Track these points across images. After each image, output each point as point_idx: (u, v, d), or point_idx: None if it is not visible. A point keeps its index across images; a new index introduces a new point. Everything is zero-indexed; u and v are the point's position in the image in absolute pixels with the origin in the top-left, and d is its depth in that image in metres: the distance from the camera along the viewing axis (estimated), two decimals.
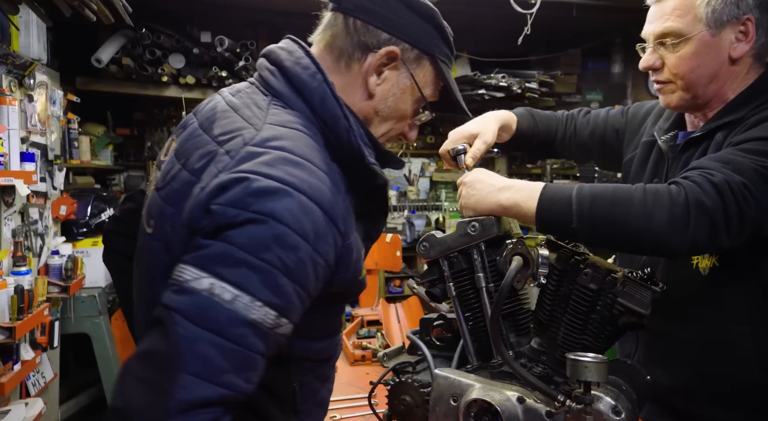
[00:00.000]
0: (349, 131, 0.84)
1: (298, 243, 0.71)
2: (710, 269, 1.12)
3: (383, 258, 2.61)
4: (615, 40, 4.22)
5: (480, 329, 1.15)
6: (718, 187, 0.94)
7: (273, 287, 0.70)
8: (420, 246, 1.17)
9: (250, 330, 0.69)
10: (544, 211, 1.01)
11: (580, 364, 0.89)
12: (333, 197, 0.78)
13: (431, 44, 0.92)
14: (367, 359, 1.97)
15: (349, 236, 0.82)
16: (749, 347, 1.08)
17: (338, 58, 0.90)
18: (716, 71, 1.11)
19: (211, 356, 0.67)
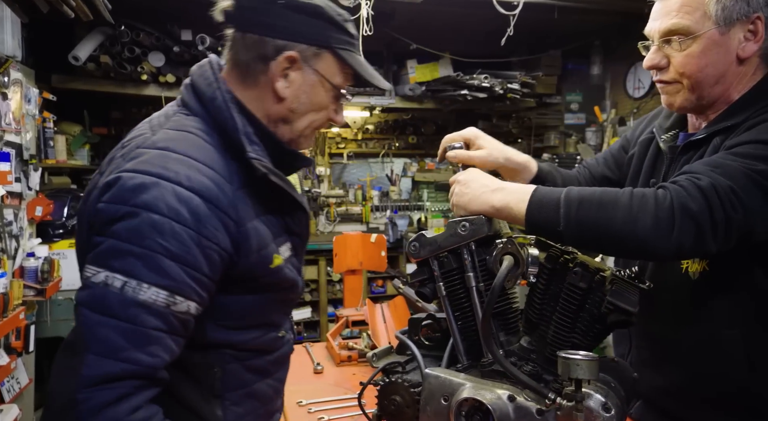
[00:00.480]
0: (236, 131, 0.93)
1: (176, 228, 0.81)
2: (700, 274, 1.12)
3: (368, 258, 2.60)
4: (594, 42, 4.27)
5: (470, 328, 1.15)
6: (704, 192, 0.93)
7: (157, 269, 0.80)
8: (410, 246, 1.17)
9: (141, 310, 0.79)
10: (533, 214, 1.01)
11: (571, 362, 0.90)
12: (217, 187, 0.87)
13: (326, 38, 0.98)
14: (354, 360, 1.96)
15: (244, 223, 0.90)
16: (739, 351, 1.09)
17: (245, 74, 0.98)
18: (724, 71, 1.08)
19: (110, 337, 0.78)
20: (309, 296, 4.76)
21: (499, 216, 1.08)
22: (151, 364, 0.81)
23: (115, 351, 0.78)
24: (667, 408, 1.19)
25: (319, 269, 4.71)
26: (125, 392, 0.79)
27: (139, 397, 0.80)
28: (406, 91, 4.30)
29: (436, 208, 5.41)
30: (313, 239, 4.89)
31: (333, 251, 2.64)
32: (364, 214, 5.36)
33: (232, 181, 0.91)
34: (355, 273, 2.64)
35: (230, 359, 0.97)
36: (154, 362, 0.81)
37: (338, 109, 1.07)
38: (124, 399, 0.79)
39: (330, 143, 5.29)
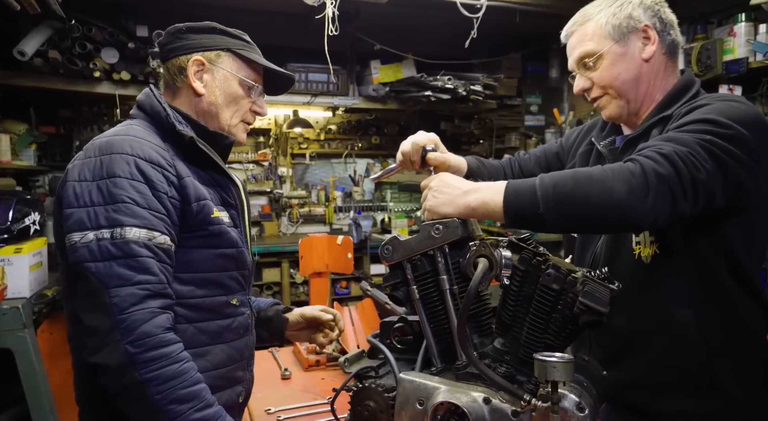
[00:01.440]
0: (167, 116, 1.19)
1: (135, 184, 1.06)
2: (652, 257, 1.18)
3: (334, 260, 2.57)
4: (552, 45, 4.38)
5: (443, 331, 1.15)
6: (668, 157, 0.99)
7: (132, 215, 1.04)
8: (383, 249, 1.16)
9: (133, 245, 1.02)
10: (511, 203, 1.03)
11: (548, 364, 0.91)
12: (157, 153, 1.11)
13: (223, 43, 1.26)
14: (322, 364, 1.93)
15: (182, 176, 1.13)
16: (694, 330, 1.14)
17: (173, 88, 1.27)
18: (637, 73, 1.23)
19: (121, 272, 1.01)
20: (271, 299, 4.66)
21: (477, 215, 1.09)
22: (157, 281, 1.04)
23: (129, 279, 1.00)
24: (632, 402, 1.22)
25: (282, 271, 4.63)
26: (153, 310, 1.01)
27: (164, 317, 1.03)
28: (370, 92, 4.28)
29: (400, 209, 5.42)
30: (275, 240, 4.80)
31: (299, 253, 2.59)
32: (327, 215, 5.32)
33: (168, 151, 1.15)
34: (320, 275, 2.60)
35: (181, 320, 1.12)
36: (160, 279, 1.04)
37: (258, 102, 1.31)
38: (155, 317, 1.01)
39: (292, 143, 5.22)
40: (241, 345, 1.26)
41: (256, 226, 5.07)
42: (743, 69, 2.46)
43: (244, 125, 1.31)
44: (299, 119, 4.70)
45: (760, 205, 1.15)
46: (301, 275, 2.64)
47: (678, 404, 1.18)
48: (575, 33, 1.28)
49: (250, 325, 1.30)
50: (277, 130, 5.08)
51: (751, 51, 2.48)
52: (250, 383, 1.33)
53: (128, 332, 0.98)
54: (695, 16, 2.94)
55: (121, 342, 0.98)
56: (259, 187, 5.08)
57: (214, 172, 1.23)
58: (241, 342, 1.26)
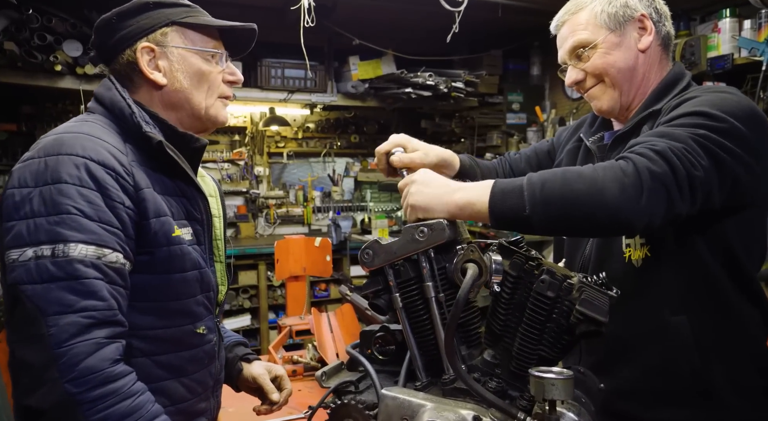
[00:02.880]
0: (132, 115, 1.03)
1: (83, 192, 0.91)
2: (643, 260, 1.13)
3: (312, 263, 2.46)
4: (534, 43, 4.35)
5: (428, 342, 1.08)
6: (663, 154, 0.94)
7: (78, 228, 0.89)
8: (363, 254, 1.09)
9: (78, 265, 0.88)
10: (497, 204, 0.97)
11: (546, 382, 0.83)
12: (112, 155, 0.96)
13: (163, 17, 1.09)
14: (299, 374, 1.84)
15: (140, 187, 0.99)
16: (687, 335, 1.09)
17: (131, 88, 1.11)
18: (633, 63, 1.19)
19: (61, 296, 0.86)
20: (248, 303, 4.54)
21: (462, 215, 1.02)
22: (106, 307, 0.89)
23: (71, 305, 0.86)
24: (623, 412, 1.16)
25: (258, 274, 4.51)
26: (99, 341, 0.87)
27: (113, 348, 0.89)
28: (349, 89, 4.18)
29: (380, 209, 5.34)
30: (252, 242, 4.67)
31: (275, 256, 2.48)
32: (305, 215, 5.20)
33: (127, 155, 1.00)
34: (298, 279, 2.50)
35: (137, 353, 0.99)
36: (108, 305, 0.90)
37: (228, 69, 1.15)
38: (100, 349, 0.87)
39: (269, 142, 5.09)
40: (204, 376, 1.13)
41: (232, 227, 4.93)
42: (728, 65, 2.44)
43: (222, 102, 1.15)
44: (276, 117, 4.58)
45: (759, 202, 1.10)
46: (277, 279, 2.53)
47: (671, 414, 1.13)
48: (567, 23, 1.23)
49: (216, 352, 1.17)
50: (253, 129, 4.94)
51: (736, 47, 2.47)
52: (215, 410, 1.21)
53: (68, 368, 0.84)
54: (678, 12, 2.93)
55: (59, 381, 0.84)
56: (235, 187, 4.93)
57: (181, 182, 1.09)
58: (204, 372, 1.13)
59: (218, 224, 1.23)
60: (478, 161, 1.47)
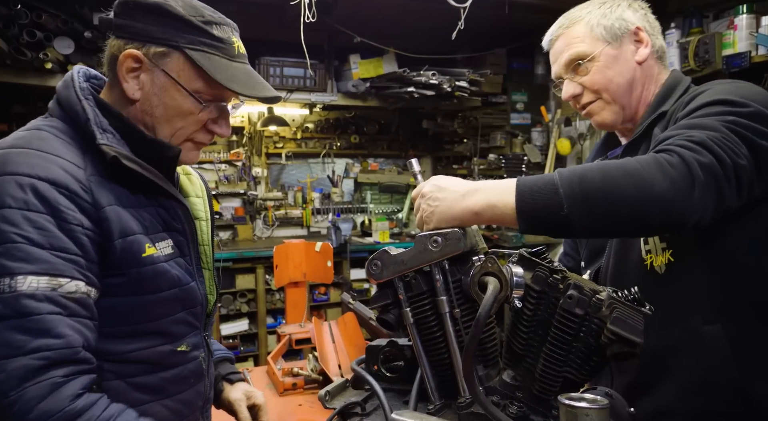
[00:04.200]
0: (87, 121, 0.91)
1: (30, 216, 0.80)
2: (666, 266, 1.06)
3: (312, 269, 2.37)
4: (538, 41, 4.25)
5: (442, 362, 1.00)
6: (705, 145, 0.88)
7: (26, 259, 0.78)
8: (370, 265, 1.02)
9: (28, 300, 0.77)
10: (527, 204, 0.88)
11: (579, 412, 0.75)
12: (66, 172, 0.85)
13: (174, 37, 0.93)
14: (299, 388, 1.75)
15: (101, 206, 0.88)
16: (724, 346, 1.01)
17: (110, 75, 0.97)
18: (631, 77, 1.16)
19: (9, 337, 0.76)
20: (246, 307, 4.45)
21: (482, 220, 0.94)
22: (63, 345, 0.78)
23: (21, 347, 0.76)
24: None
25: (256, 278, 4.41)
26: (56, 381, 0.77)
27: (74, 384, 0.79)
28: (349, 88, 4.09)
29: (380, 211, 5.25)
30: (250, 245, 4.58)
31: (273, 262, 2.39)
32: (304, 217, 5.11)
33: (86, 169, 0.89)
34: (298, 285, 2.41)
35: (110, 376, 0.90)
36: (67, 342, 0.79)
37: (219, 120, 1.01)
38: (57, 389, 0.77)
39: (267, 143, 5.00)
40: (191, 396, 1.03)
41: (229, 229, 4.84)
42: (745, 63, 2.36)
43: (192, 145, 1.00)
44: (274, 117, 4.49)
45: None
46: (277, 285, 2.44)
47: None
48: (561, 37, 1.20)
49: (205, 369, 1.07)
50: (251, 129, 4.85)
51: (754, 44, 2.39)
52: None
53: (21, 417, 0.74)
54: (689, 9, 2.84)
55: None
56: (232, 188, 4.84)
57: (150, 192, 0.98)
58: (191, 392, 1.03)
59: (205, 228, 1.12)
60: None
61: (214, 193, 4.77)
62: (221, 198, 4.83)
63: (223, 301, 4.36)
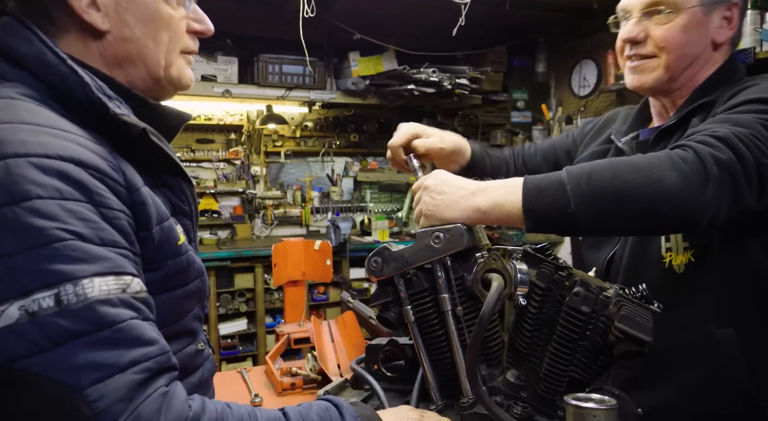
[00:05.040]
0: (84, 87, 0.72)
1: (68, 206, 0.63)
2: (686, 267, 1.03)
3: (311, 268, 2.34)
4: (539, 39, 4.24)
5: (444, 361, 0.97)
6: (727, 141, 0.84)
7: (84, 257, 0.62)
8: (370, 262, 0.99)
9: (105, 307, 0.62)
10: (533, 201, 0.86)
11: (587, 413, 0.73)
12: (85, 148, 0.68)
13: None
14: (298, 387, 1.72)
15: (137, 187, 0.73)
16: (736, 352, 0.99)
17: (54, 27, 0.76)
18: (698, 54, 1.08)
19: (94, 357, 0.60)
20: (245, 306, 4.41)
21: (488, 219, 0.91)
22: (159, 351, 0.66)
23: (116, 363, 0.61)
24: None
25: (255, 277, 4.38)
26: (163, 391, 0.64)
27: (178, 390, 0.67)
28: (349, 86, 4.06)
29: (380, 210, 5.22)
30: (249, 244, 4.55)
31: (272, 260, 2.36)
32: (303, 216, 5.08)
33: (100, 142, 0.71)
34: (296, 284, 2.38)
35: None
36: (161, 347, 0.66)
37: (194, 16, 0.87)
38: (170, 398, 0.65)
39: (266, 141, 4.96)
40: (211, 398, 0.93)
41: (228, 228, 4.81)
42: (750, 59, 2.34)
43: (185, 59, 0.85)
44: (273, 115, 4.45)
45: None
46: (275, 284, 2.41)
47: None
48: None
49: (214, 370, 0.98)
50: (250, 127, 4.82)
51: (758, 40, 2.36)
52: None
53: None
54: None
55: None
56: (231, 187, 4.80)
57: (161, 171, 0.83)
58: (211, 394, 0.94)
59: None
60: (489, 151, 1.36)
61: (212, 192, 4.74)
62: (219, 197, 4.79)
63: (222, 300, 4.33)
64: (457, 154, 1.23)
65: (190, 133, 4.68)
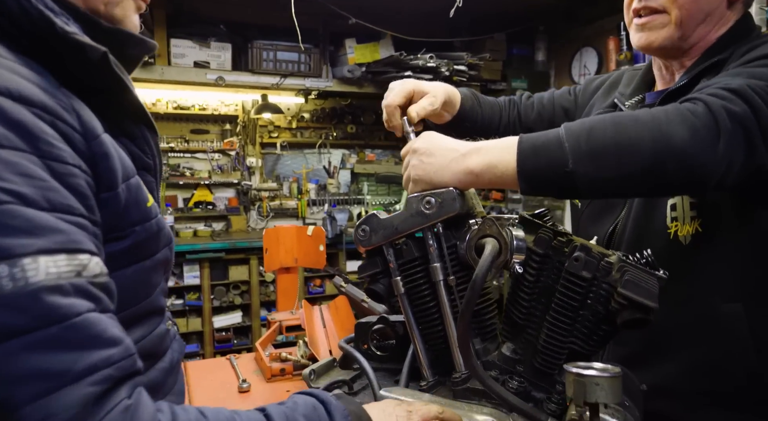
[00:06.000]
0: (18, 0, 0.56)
1: (6, 157, 0.48)
2: (692, 237, 0.97)
3: (304, 254, 2.29)
4: (539, 27, 4.18)
5: (436, 334, 0.92)
6: (741, 93, 0.78)
7: (25, 228, 0.47)
8: (358, 231, 0.94)
9: (54, 297, 0.47)
10: (529, 160, 0.80)
11: (588, 381, 0.67)
12: (30, 82, 0.53)
13: None
14: (288, 373, 1.67)
15: (96, 133, 0.58)
16: (743, 328, 0.94)
17: None
18: (712, 9, 1.01)
19: (38, 363, 0.46)
20: (239, 299, 4.36)
21: (481, 182, 0.86)
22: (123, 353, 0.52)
23: (68, 370, 0.47)
24: (659, 412, 0.99)
25: (250, 269, 4.33)
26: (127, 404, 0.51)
27: (144, 400, 0.54)
28: (345, 73, 4.00)
29: (377, 202, 5.17)
30: (244, 236, 4.50)
31: (263, 246, 2.30)
32: (300, 208, 5.03)
33: (44, 76, 0.56)
34: (289, 271, 2.32)
35: None
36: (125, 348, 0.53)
37: None
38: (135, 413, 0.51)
39: (262, 132, 4.90)
40: (181, 387, 0.82)
41: (222, 220, 4.75)
42: None
43: (136, 3, 0.71)
44: (268, 104, 4.39)
45: None
46: (266, 270, 2.35)
47: (719, 419, 0.97)
48: None
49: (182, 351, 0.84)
50: (245, 117, 4.76)
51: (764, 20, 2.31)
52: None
53: None
54: None
55: None
56: (226, 178, 4.75)
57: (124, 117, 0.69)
58: (181, 382, 0.81)
59: None
60: (480, 100, 1.27)
61: (207, 183, 4.68)
62: (214, 188, 4.74)
63: (216, 292, 4.27)
64: (448, 104, 1.16)
65: (185, 124, 4.62)
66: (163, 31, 3.47)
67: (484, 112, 1.26)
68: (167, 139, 4.49)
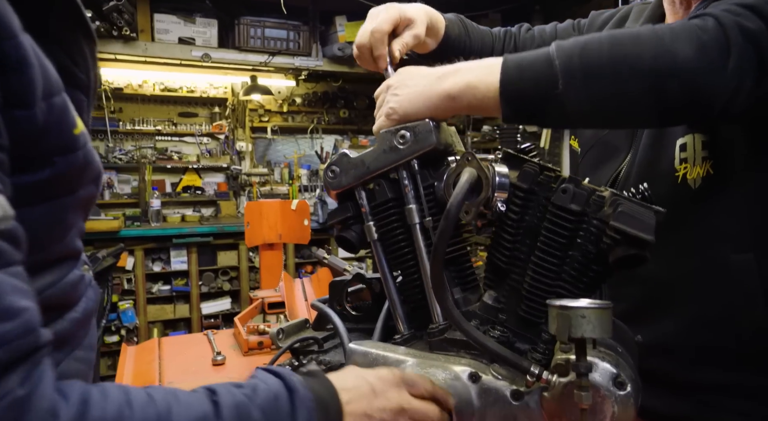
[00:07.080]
0: None
1: None
2: (702, 180, 0.88)
3: (288, 229, 2.20)
4: (535, 6, 4.09)
5: (412, 284, 0.85)
6: (756, 8, 0.70)
7: None
8: (327, 172, 0.87)
9: None
10: (513, 81, 0.71)
11: (573, 313, 0.59)
12: None
13: None
14: (266, 347, 1.58)
15: (12, 31, 0.46)
16: (753, 280, 0.85)
17: None
18: None
19: None
20: (228, 285, 4.28)
21: (459, 106, 0.78)
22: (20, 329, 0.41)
23: None
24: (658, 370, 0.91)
25: (239, 255, 4.25)
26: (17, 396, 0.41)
27: (43, 385, 0.43)
28: (335, 52, 3.90)
29: None
30: (233, 221, 4.41)
31: (244, 219, 2.22)
32: (291, 194, 4.94)
33: None
34: (273, 248, 2.24)
35: None
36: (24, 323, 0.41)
37: None
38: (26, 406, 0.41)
39: (252, 116, 4.81)
40: (94, 340, 0.67)
41: (212, 205, 4.66)
42: None
43: None
44: (257, 85, 4.30)
45: None
46: (248, 245, 2.25)
47: (721, 376, 0.89)
48: None
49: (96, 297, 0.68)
50: (234, 100, 4.66)
51: None
52: None
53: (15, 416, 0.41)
54: None
55: None
56: (215, 162, 4.65)
57: (54, 14, 0.56)
58: (93, 335, 0.66)
59: None
60: (469, 27, 1.17)
61: (195, 168, 4.58)
62: (203, 172, 4.64)
63: (204, 278, 4.19)
64: (430, 30, 1.05)
65: (173, 106, 4.53)
66: (146, 6, 3.37)
67: (473, 42, 1.15)
68: (154, 122, 4.39)
